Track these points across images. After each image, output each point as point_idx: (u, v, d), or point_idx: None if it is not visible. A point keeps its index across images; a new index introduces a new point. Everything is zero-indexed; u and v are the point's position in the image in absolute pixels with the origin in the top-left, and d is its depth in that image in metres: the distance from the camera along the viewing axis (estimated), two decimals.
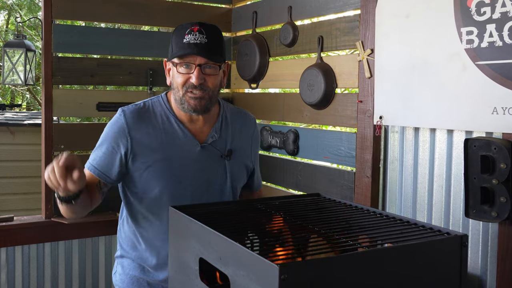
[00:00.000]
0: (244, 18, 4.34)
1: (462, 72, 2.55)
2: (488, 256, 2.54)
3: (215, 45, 2.31)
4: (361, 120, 3.15)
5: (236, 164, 2.51)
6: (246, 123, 2.61)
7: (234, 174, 2.51)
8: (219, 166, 2.47)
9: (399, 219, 1.95)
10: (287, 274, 1.37)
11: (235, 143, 2.52)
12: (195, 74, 2.26)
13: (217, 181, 2.47)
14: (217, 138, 2.47)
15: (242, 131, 2.58)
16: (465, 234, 1.71)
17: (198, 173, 2.42)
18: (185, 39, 2.26)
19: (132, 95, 4.54)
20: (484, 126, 2.47)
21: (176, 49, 2.30)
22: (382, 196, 3.09)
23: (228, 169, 2.48)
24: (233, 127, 2.54)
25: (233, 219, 1.96)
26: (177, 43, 2.30)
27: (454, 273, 1.70)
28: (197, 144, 2.42)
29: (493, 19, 2.42)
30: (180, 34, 2.30)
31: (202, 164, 2.43)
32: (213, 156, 2.45)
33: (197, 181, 2.42)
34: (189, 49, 2.25)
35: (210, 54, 2.28)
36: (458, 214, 2.66)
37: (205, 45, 2.26)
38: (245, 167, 2.59)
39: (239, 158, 2.53)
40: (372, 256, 1.59)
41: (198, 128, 2.44)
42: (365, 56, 3.08)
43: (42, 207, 3.89)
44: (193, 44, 2.25)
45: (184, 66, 2.29)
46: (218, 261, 1.67)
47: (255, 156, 2.67)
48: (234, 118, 2.56)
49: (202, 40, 2.26)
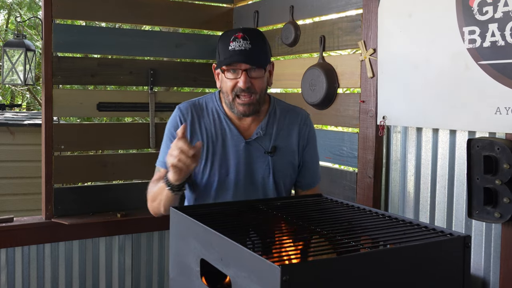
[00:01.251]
0: (246, 18, 4.33)
1: (465, 72, 2.55)
2: (491, 257, 2.53)
3: (260, 50, 2.45)
4: (363, 120, 3.14)
5: (280, 160, 2.59)
6: (295, 121, 2.67)
7: (278, 169, 2.58)
8: (263, 162, 2.56)
9: (402, 220, 1.94)
10: (289, 275, 1.36)
11: (281, 140, 2.61)
12: (242, 79, 2.40)
13: (260, 175, 2.56)
14: (262, 135, 2.57)
15: (290, 128, 2.65)
16: (468, 235, 1.70)
17: (242, 167, 2.54)
18: (230, 46, 2.40)
19: (133, 95, 4.53)
20: (487, 126, 2.47)
21: (223, 56, 2.43)
22: (385, 196, 3.09)
23: (271, 165, 2.56)
24: (280, 124, 2.63)
25: (235, 219, 1.96)
26: (223, 50, 2.44)
27: (457, 274, 1.69)
28: (242, 140, 2.55)
29: (495, 18, 2.42)
30: (225, 42, 2.43)
31: (246, 159, 2.55)
32: (258, 151, 2.56)
33: (240, 175, 2.54)
34: (234, 56, 2.39)
35: (255, 59, 2.42)
36: (461, 215, 2.66)
37: (250, 51, 2.39)
38: (291, 164, 2.64)
39: (284, 154, 2.61)
40: (375, 257, 1.57)
41: (246, 124, 2.58)
42: (367, 55, 3.07)
43: (42, 207, 3.87)
44: (238, 51, 2.39)
45: (231, 72, 2.43)
46: (219, 262, 1.66)
47: (306, 154, 2.69)
48: (283, 115, 2.66)
49: (246, 46, 2.40)
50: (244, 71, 2.40)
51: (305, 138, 2.68)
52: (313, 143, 2.73)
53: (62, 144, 3.88)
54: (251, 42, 2.41)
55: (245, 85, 2.40)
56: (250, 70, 2.41)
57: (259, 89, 2.46)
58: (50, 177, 3.82)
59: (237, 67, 2.41)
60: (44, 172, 3.82)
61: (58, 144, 3.85)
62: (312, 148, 2.72)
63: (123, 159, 4.20)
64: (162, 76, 4.23)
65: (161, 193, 2.41)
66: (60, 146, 3.87)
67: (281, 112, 2.65)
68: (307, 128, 2.70)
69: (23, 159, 7.03)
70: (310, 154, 2.71)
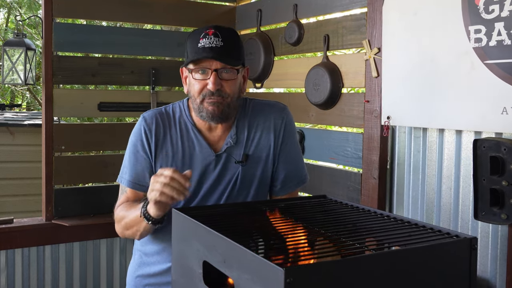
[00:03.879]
0: (249, 17, 4.32)
1: (471, 72, 2.53)
2: (498, 259, 2.51)
3: (232, 49, 2.23)
4: (368, 120, 3.13)
5: (251, 169, 2.39)
6: (268, 117, 2.43)
7: (247, 179, 2.39)
8: (233, 173, 2.37)
9: (407, 221, 1.92)
10: (293, 277, 1.35)
11: (254, 144, 2.40)
12: (212, 79, 2.19)
13: (228, 188, 2.38)
14: (233, 144, 2.37)
15: (265, 127, 2.42)
16: (474, 237, 1.68)
17: (212, 182, 2.36)
18: (200, 43, 2.19)
19: (134, 94, 4.53)
20: (494, 126, 2.45)
21: (191, 54, 2.22)
22: (389, 198, 3.08)
23: (241, 175, 2.37)
24: (252, 126, 2.41)
25: (238, 221, 1.94)
26: (192, 48, 2.23)
27: (463, 276, 1.67)
28: (212, 154, 2.35)
29: (501, 17, 2.40)
30: (194, 39, 2.22)
31: (216, 174, 2.36)
32: (229, 163, 2.37)
33: (211, 191, 2.36)
34: (204, 53, 2.17)
35: (227, 57, 2.20)
36: (467, 217, 2.65)
37: (221, 48, 2.18)
38: (264, 170, 2.43)
39: (258, 161, 2.40)
40: (380, 260, 1.56)
41: (216, 136, 2.37)
42: (372, 55, 3.05)
43: (43, 209, 3.86)
44: (208, 48, 2.17)
45: (200, 72, 2.21)
46: (222, 264, 1.64)
47: (281, 152, 2.44)
48: (256, 114, 2.43)
49: (218, 43, 2.18)
50: (214, 71, 2.18)
51: (280, 135, 2.43)
52: (289, 138, 2.47)
53: (63, 145, 3.87)
54: (223, 40, 2.19)
55: (214, 86, 2.18)
56: (221, 71, 2.20)
57: (230, 91, 2.23)
58: (50, 178, 3.81)
59: (206, 66, 2.19)
60: (44, 173, 3.80)
61: (58, 145, 3.84)
62: (290, 144, 2.47)
63: None
64: (164, 75, 4.21)
65: (138, 224, 2.22)
66: (61, 147, 3.86)
67: (253, 112, 2.42)
68: (283, 122, 2.44)
69: (23, 160, 7.05)
70: (286, 153, 2.46)
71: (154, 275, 2.43)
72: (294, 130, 2.50)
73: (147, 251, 2.46)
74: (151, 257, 2.44)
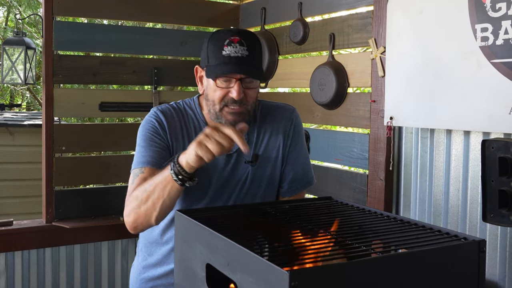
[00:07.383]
0: (253, 15, 4.31)
1: (477, 71, 2.51)
2: (507, 261, 2.50)
3: (257, 59, 2.22)
4: (374, 121, 3.11)
5: (261, 169, 2.39)
6: (278, 118, 2.44)
7: (257, 179, 2.38)
8: (243, 173, 2.36)
9: (414, 223, 1.90)
10: (298, 281, 1.33)
11: (264, 145, 2.40)
12: (236, 88, 2.16)
13: (238, 188, 2.36)
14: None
15: (274, 129, 2.43)
16: (483, 239, 1.66)
17: (222, 182, 2.33)
18: (225, 51, 2.15)
19: (136, 94, 4.53)
20: (502, 126, 2.43)
21: (215, 61, 2.18)
22: (396, 199, 3.07)
23: (251, 175, 2.36)
24: (262, 127, 2.41)
25: (242, 223, 1.92)
26: (214, 54, 2.18)
27: (471, 279, 1.65)
28: None
29: (508, 15, 2.38)
30: (218, 45, 2.17)
31: (227, 173, 2.34)
32: (239, 163, 2.35)
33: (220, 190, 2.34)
34: (230, 63, 2.14)
35: (253, 69, 2.19)
36: (475, 219, 2.63)
37: (247, 58, 2.15)
38: (273, 172, 2.43)
39: (268, 161, 2.40)
40: (386, 262, 1.54)
41: None
42: (378, 54, 3.04)
43: (43, 211, 3.84)
44: (234, 58, 2.14)
45: (223, 80, 2.18)
46: (226, 267, 1.62)
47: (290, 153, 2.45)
48: (265, 117, 2.43)
49: (244, 53, 2.15)
50: (238, 80, 2.16)
51: (289, 136, 2.45)
52: (298, 140, 2.49)
53: (63, 145, 3.86)
54: (248, 49, 2.16)
55: (238, 96, 2.15)
56: (245, 80, 2.18)
57: (251, 100, 2.23)
58: (50, 179, 3.79)
59: (232, 75, 2.16)
60: (44, 174, 3.79)
61: (59, 145, 3.83)
62: (298, 146, 2.48)
63: (125, 160, 4.12)
64: (166, 75, 4.19)
65: (163, 189, 2.08)
66: (61, 147, 3.85)
67: (262, 114, 2.43)
68: (292, 124, 2.46)
69: (23, 161, 7.07)
70: (294, 154, 2.47)
71: (160, 277, 2.42)
72: (302, 132, 2.51)
73: (152, 252, 2.45)
74: (156, 258, 2.44)
